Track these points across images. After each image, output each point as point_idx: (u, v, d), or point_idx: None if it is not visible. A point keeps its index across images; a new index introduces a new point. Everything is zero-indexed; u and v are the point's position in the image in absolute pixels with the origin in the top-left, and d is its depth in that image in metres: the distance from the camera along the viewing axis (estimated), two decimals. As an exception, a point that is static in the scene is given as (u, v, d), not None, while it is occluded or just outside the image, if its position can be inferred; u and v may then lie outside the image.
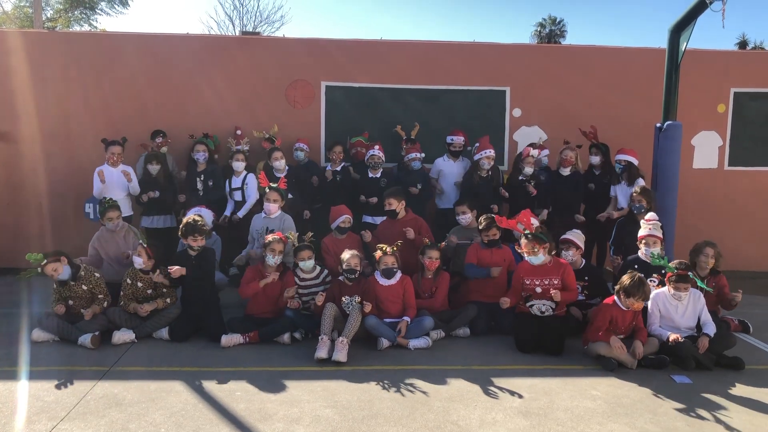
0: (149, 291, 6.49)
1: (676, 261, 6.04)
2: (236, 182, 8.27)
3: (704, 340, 5.74)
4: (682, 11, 7.70)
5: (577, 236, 6.96)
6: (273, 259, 6.47)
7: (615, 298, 5.91)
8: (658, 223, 6.67)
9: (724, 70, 9.78)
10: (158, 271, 6.46)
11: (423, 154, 8.67)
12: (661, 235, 6.61)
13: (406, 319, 6.27)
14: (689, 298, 5.98)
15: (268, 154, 8.39)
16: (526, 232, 6.39)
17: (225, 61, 9.38)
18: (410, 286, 6.50)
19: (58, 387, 4.97)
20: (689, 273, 5.92)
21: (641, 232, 6.70)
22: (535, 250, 6.31)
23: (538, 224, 6.70)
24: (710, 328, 5.88)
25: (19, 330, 6.37)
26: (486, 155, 8.23)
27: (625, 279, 5.82)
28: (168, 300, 6.50)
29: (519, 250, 6.59)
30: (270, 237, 6.58)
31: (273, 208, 7.27)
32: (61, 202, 9.25)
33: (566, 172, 8.42)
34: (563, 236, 6.99)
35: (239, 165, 8.23)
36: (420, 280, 6.80)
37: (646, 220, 6.70)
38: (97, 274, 6.46)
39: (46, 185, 9.31)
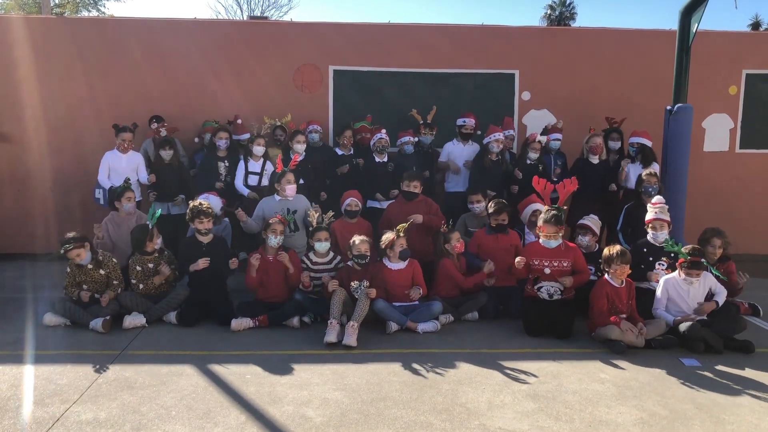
0: (150, 265, 6.57)
1: (689, 246, 6.03)
2: (254, 167, 8.24)
3: (710, 304, 5.84)
4: (694, -8, 7.61)
5: (593, 222, 6.96)
6: (275, 240, 6.50)
7: (606, 276, 5.98)
8: (665, 206, 6.63)
9: (736, 52, 9.68)
10: (162, 262, 6.52)
11: (417, 138, 8.62)
12: (668, 218, 6.58)
13: (418, 287, 6.34)
14: (699, 282, 5.98)
15: (290, 136, 8.37)
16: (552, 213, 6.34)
17: (231, 47, 9.36)
18: (419, 269, 6.52)
19: (70, 370, 5.02)
20: (702, 260, 5.91)
21: (648, 216, 6.67)
22: (557, 234, 6.28)
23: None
24: (721, 297, 5.94)
25: (31, 314, 6.44)
26: (495, 138, 8.19)
27: (606, 251, 6.01)
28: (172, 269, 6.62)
29: (537, 232, 6.50)
30: (271, 219, 6.63)
31: (293, 189, 7.28)
32: (66, 191, 9.27)
33: (595, 160, 8.37)
34: (581, 221, 6.97)
35: (260, 149, 8.19)
36: (458, 265, 6.82)
37: (653, 204, 6.66)
38: (114, 260, 6.52)
39: (51, 174, 9.34)
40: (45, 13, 17.51)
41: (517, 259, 6.33)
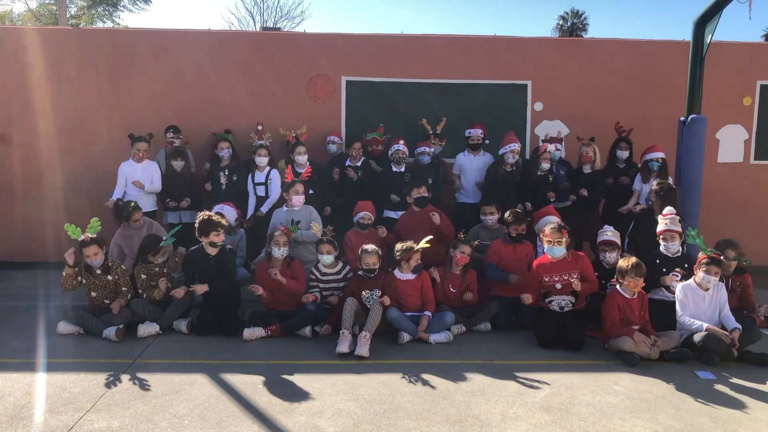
0: (156, 269, 6.67)
1: (709, 248, 6.02)
2: (259, 177, 8.29)
3: (735, 333, 5.66)
4: (707, 3, 7.60)
5: (616, 236, 6.90)
6: (279, 251, 6.50)
7: (617, 287, 5.95)
8: (676, 217, 6.58)
9: (750, 63, 9.64)
10: (163, 278, 6.54)
11: (433, 149, 8.65)
12: (679, 229, 6.54)
13: (428, 313, 6.28)
14: (714, 290, 5.93)
15: (291, 148, 8.42)
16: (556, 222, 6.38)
17: (244, 58, 9.43)
18: (428, 280, 6.50)
19: (84, 379, 5.04)
20: (721, 257, 5.90)
21: (659, 227, 6.63)
22: (560, 240, 6.26)
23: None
24: (731, 322, 5.82)
25: (44, 323, 6.49)
26: (511, 149, 8.18)
27: (621, 263, 5.95)
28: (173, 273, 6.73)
29: (542, 239, 6.48)
30: (275, 232, 6.63)
31: (299, 199, 7.30)
32: (77, 199, 9.33)
33: (587, 169, 8.36)
34: (604, 238, 6.88)
35: (262, 160, 8.25)
36: (447, 275, 6.78)
37: (663, 215, 6.63)
38: (123, 267, 6.59)
39: (62, 182, 9.42)
40: (62, 25, 17.73)
41: (523, 296, 6.28)
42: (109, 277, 6.43)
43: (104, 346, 5.91)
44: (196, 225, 6.50)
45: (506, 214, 7.08)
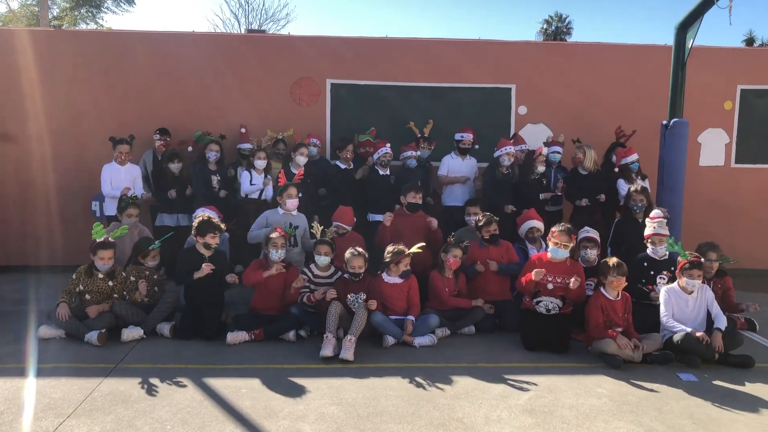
0: (147, 272, 6.65)
1: (688, 252, 6.05)
2: (256, 179, 8.25)
3: (717, 336, 5.69)
4: (689, 8, 7.67)
5: (596, 234, 6.98)
6: (276, 254, 6.47)
7: (601, 288, 6.00)
8: (663, 220, 6.64)
9: (731, 67, 9.75)
10: (143, 280, 6.50)
11: (419, 153, 8.66)
12: (667, 233, 6.59)
13: (411, 318, 6.27)
14: (698, 292, 5.98)
15: (294, 148, 8.37)
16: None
17: (232, 60, 9.39)
18: (415, 284, 6.49)
19: (64, 384, 4.98)
20: (702, 259, 5.96)
21: (647, 231, 6.69)
22: (567, 244, 6.26)
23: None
24: (722, 321, 5.85)
25: (27, 327, 6.40)
26: (506, 152, 8.23)
27: (604, 262, 6.04)
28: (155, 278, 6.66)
29: (549, 239, 6.41)
30: (273, 234, 6.58)
31: (293, 203, 7.29)
32: (70, 201, 9.23)
33: (584, 171, 8.42)
34: (587, 235, 6.94)
35: (261, 163, 8.22)
36: (445, 282, 6.75)
37: (651, 218, 6.68)
38: (123, 274, 6.54)
39: (54, 184, 9.31)
40: (43, 26, 17.57)
41: (536, 271, 6.21)
42: (110, 283, 6.39)
43: (86, 350, 5.85)
44: (195, 224, 6.53)
45: (478, 218, 7.12)
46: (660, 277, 6.48)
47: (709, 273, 6.50)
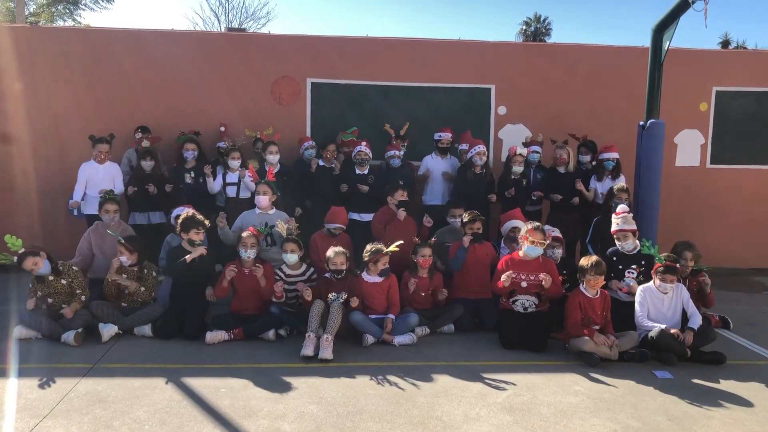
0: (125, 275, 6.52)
1: (663, 254, 6.12)
2: (232, 178, 8.23)
3: (689, 335, 5.77)
4: (665, 11, 7.77)
5: (559, 233, 7.04)
6: (246, 254, 6.46)
7: (580, 286, 6.06)
8: (629, 215, 6.70)
9: (706, 69, 9.89)
10: (126, 275, 6.45)
11: (402, 152, 8.66)
12: (632, 227, 6.65)
13: (391, 316, 6.28)
14: (673, 292, 6.05)
15: (263, 147, 8.36)
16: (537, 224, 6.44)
17: (214, 58, 9.34)
18: (395, 284, 6.50)
19: (41, 385, 4.93)
20: (677, 264, 6.03)
21: (612, 227, 6.76)
22: (542, 242, 6.30)
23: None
24: (696, 320, 5.93)
25: (6, 327, 6.30)
26: (477, 151, 8.26)
27: (582, 261, 6.10)
28: (143, 289, 6.54)
29: (525, 238, 6.38)
30: (244, 233, 6.58)
31: (264, 200, 7.25)
32: (51, 202, 9.10)
33: (562, 170, 8.49)
34: (554, 234, 6.97)
35: (235, 163, 8.18)
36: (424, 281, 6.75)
37: (616, 214, 6.73)
38: (75, 268, 6.44)
39: (35, 184, 9.18)
40: (19, 23, 17.32)
41: (504, 276, 6.29)
42: (63, 281, 6.30)
43: (63, 350, 5.78)
44: (180, 220, 6.54)
45: (463, 215, 7.15)
46: (629, 272, 6.55)
47: (684, 272, 6.58)
